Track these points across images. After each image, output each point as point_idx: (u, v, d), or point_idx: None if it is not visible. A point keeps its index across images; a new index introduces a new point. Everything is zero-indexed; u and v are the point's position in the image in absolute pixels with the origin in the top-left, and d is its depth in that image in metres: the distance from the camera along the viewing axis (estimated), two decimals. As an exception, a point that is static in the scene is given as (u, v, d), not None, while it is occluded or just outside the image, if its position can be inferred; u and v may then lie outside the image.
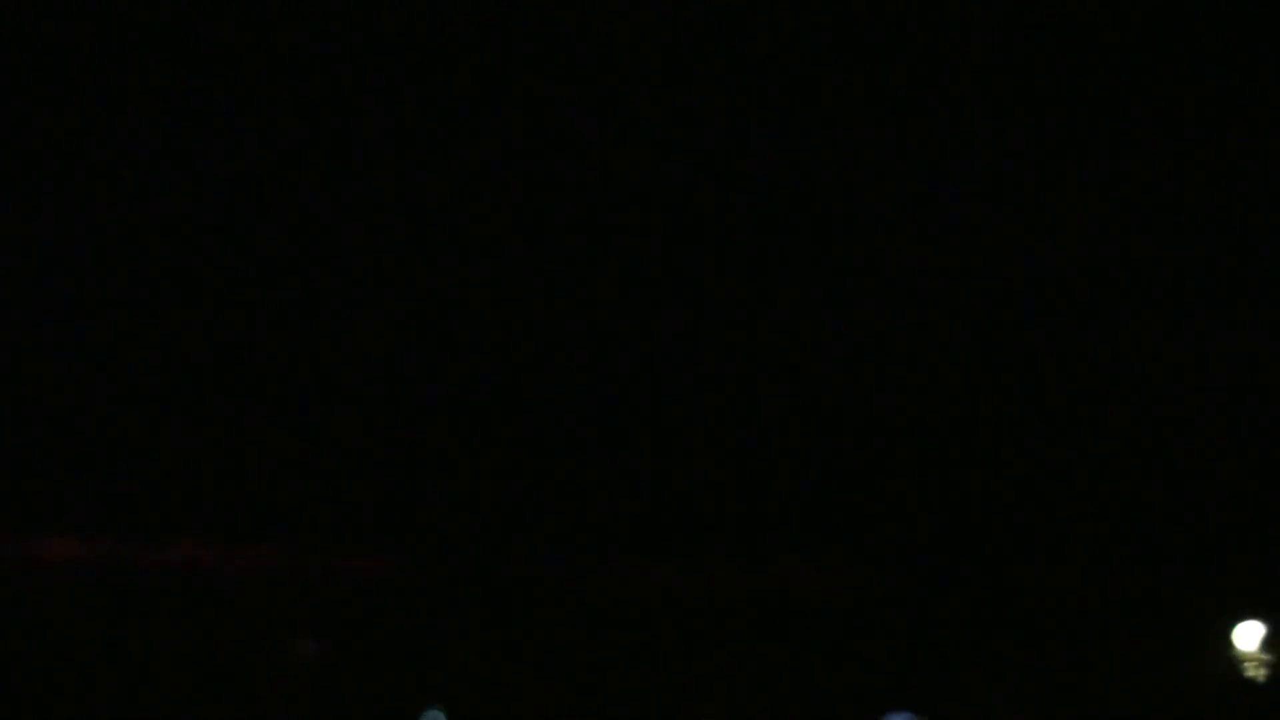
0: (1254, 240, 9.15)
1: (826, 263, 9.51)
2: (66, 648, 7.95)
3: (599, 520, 9.08)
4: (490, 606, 8.81)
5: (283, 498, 8.96)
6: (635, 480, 9.18)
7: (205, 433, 8.84)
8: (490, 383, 9.57)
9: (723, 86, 9.93)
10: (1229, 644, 8.25)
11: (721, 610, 8.85)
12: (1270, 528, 8.96)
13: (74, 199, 9.28)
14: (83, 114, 9.39)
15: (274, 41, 9.34)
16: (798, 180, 9.53)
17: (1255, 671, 8.16)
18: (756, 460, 9.26)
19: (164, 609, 8.39)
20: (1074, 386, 9.22)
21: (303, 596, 8.73)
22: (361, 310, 9.58)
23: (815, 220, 9.59)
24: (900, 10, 9.50)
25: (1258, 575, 8.82)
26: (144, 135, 9.51)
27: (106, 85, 9.26)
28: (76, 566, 8.81)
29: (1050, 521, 9.14)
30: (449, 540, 9.17)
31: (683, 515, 9.27)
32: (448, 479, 9.36)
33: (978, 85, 9.47)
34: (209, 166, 9.45)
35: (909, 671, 7.93)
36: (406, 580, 9.02)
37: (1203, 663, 8.17)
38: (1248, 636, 8.24)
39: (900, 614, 8.62)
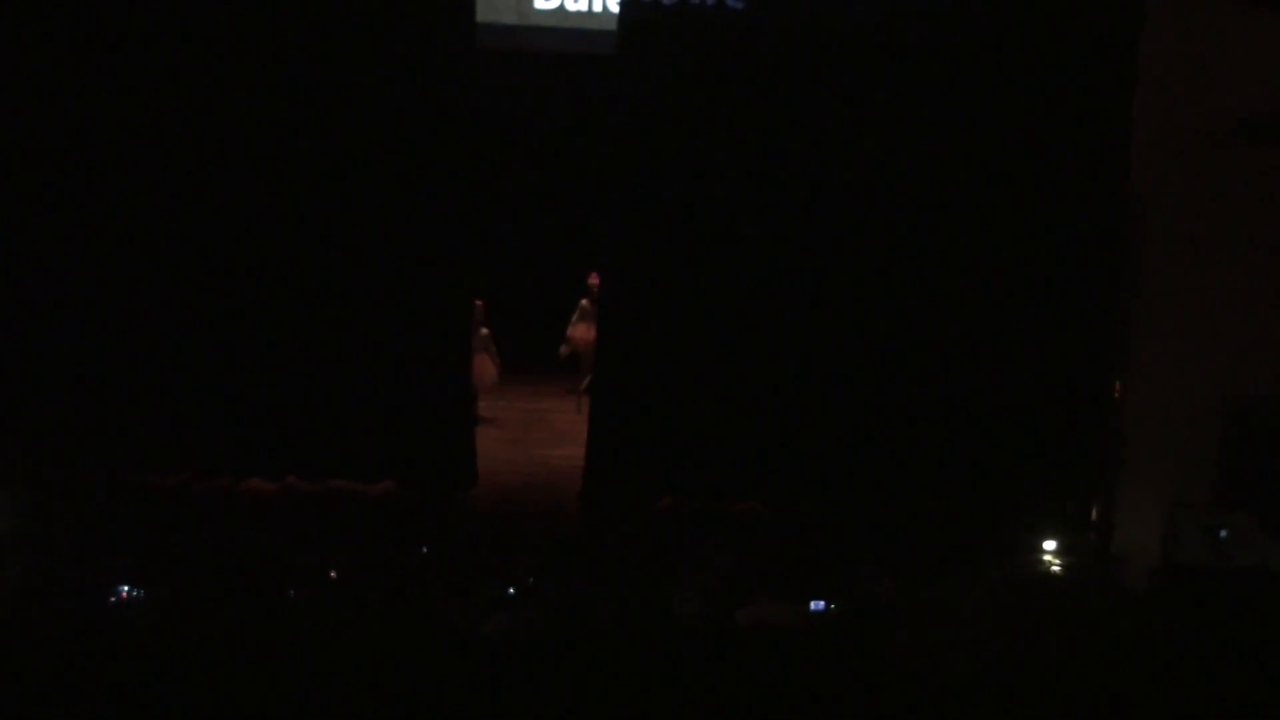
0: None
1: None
2: (263, 551, 9.01)
3: (614, 472, 11.16)
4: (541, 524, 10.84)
5: (400, 453, 11.09)
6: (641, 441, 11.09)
7: (354, 411, 10.94)
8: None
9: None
10: (1041, 550, 10.19)
11: (700, 529, 10.83)
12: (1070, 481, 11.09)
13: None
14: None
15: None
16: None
17: (1054, 568, 9.98)
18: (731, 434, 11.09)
19: (325, 525, 10.36)
20: (938, 369, 10.98)
21: (418, 516, 10.86)
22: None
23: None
24: None
25: (1062, 508, 10.97)
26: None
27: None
28: (271, 497, 11.12)
29: (925, 470, 11.05)
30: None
31: (680, 472, 11.17)
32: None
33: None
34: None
35: (824, 570, 8.96)
36: (485, 508, 11.16)
37: (1022, 563, 9.96)
38: (1052, 545, 10.21)
39: (817, 532, 10.51)
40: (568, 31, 11.69)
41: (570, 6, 11.73)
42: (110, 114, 10.37)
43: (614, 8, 11.41)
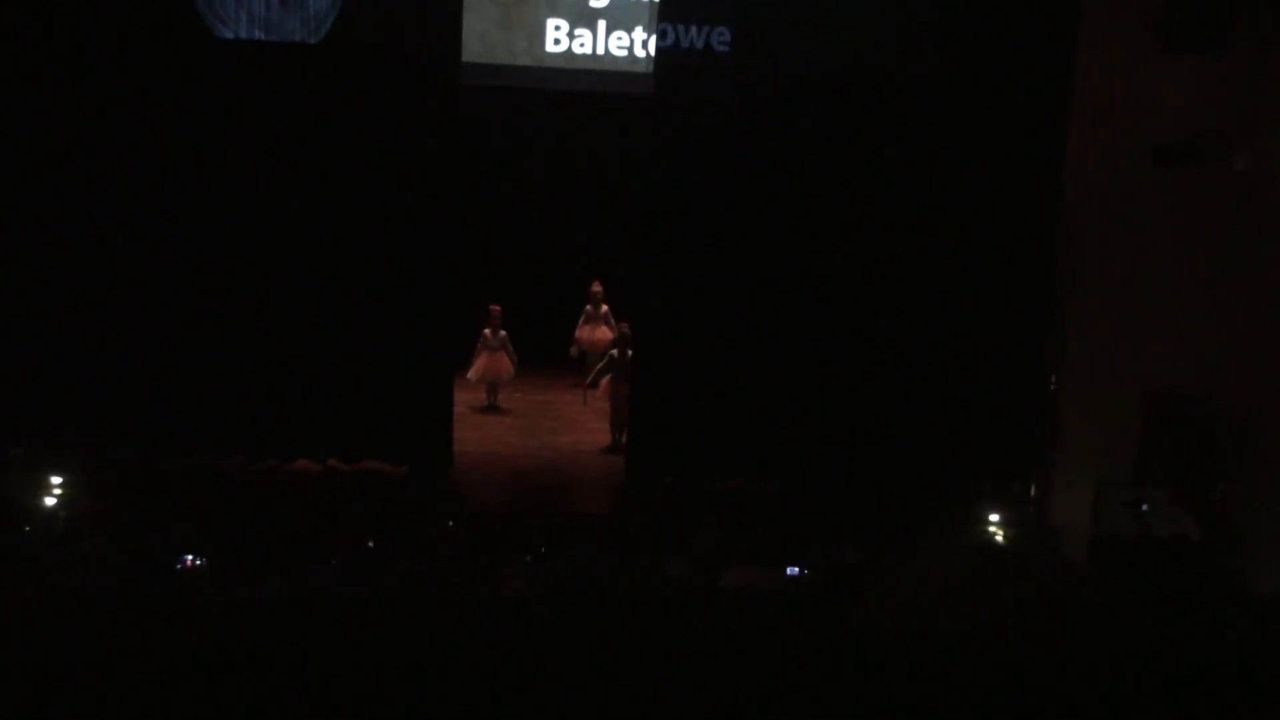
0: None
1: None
2: (305, 523, 10.00)
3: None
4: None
5: (424, 441, 12.11)
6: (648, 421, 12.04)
7: (386, 407, 11.95)
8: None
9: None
10: (988, 522, 10.89)
11: (691, 504, 11.69)
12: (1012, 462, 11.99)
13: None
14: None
15: None
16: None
17: (999, 538, 10.69)
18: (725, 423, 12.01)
19: (362, 502, 11.19)
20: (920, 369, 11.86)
21: (444, 492, 11.77)
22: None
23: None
24: None
25: (1005, 486, 11.87)
26: None
27: None
28: (312, 476, 12.09)
29: (888, 454, 11.92)
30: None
31: (681, 456, 12.14)
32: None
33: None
34: None
35: (800, 540, 9.46)
36: (503, 486, 12.19)
37: (971, 533, 10.63)
38: (997, 518, 10.94)
39: (794, 507, 11.40)
40: (576, 72, 12.72)
41: (578, 50, 12.80)
42: (152, 128, 11.28)
43: (616, 52, 12.68)
